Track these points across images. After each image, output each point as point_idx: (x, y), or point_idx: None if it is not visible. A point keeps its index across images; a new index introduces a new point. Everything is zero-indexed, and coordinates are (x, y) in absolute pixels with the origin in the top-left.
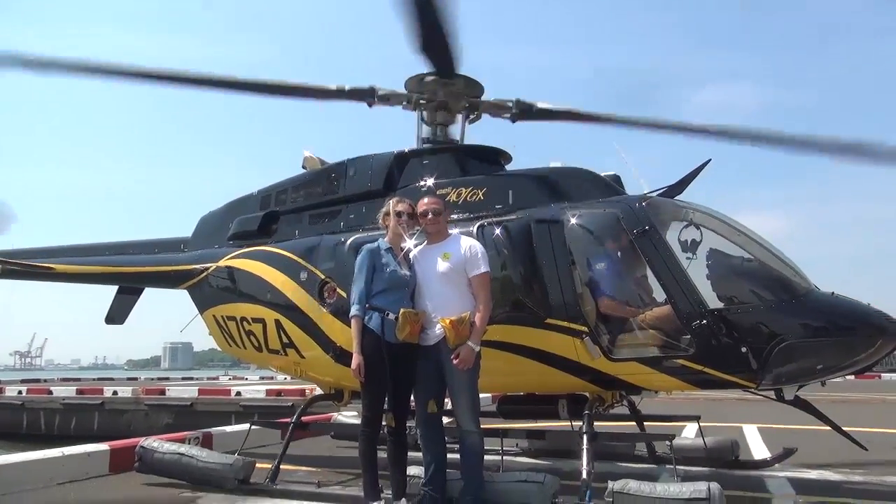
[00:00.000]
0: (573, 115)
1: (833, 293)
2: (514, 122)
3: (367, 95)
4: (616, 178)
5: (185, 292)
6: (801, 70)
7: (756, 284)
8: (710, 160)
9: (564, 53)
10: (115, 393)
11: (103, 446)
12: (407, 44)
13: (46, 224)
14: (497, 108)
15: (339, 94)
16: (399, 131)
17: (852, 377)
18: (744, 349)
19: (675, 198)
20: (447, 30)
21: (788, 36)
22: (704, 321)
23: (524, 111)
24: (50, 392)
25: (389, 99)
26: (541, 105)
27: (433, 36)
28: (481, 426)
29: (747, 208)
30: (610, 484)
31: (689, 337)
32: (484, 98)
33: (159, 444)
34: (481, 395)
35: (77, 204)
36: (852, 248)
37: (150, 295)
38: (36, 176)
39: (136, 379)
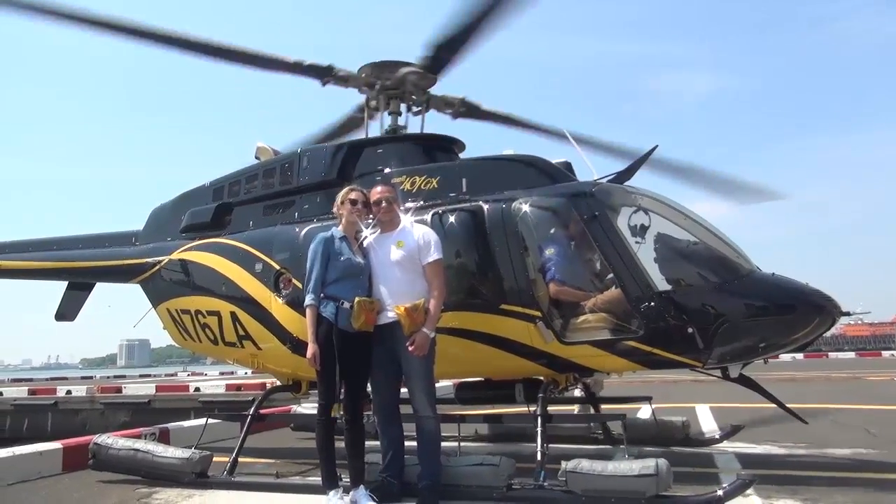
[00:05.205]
0: (514, 121)
1: (774, 273)
2: (454, 118)
3: (325, 73)
4: (567, 165)
5: (138, 287)
6: (747, 57)
7: (701, 267)
8: (657, 146)
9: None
10: (68, 392)
11: (56, 445)
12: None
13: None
14: (444, 104)
15: (296, 67)
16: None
17: (801, 356)
18: (690, 329)
19: (624, 183)
20: (466, 41)
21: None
22: (653, 303)
23: (469, 110)
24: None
25: (347, 80)
26: (485, 107)
27: (453, 39)
28: (438, 412)
29: None
30: (563, 464)
31: (638, 319)
32: (434, 92)
33: (114, 441)
34: (441, 383)
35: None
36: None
37: (105, 291)
38: None
39: (91, 377)
